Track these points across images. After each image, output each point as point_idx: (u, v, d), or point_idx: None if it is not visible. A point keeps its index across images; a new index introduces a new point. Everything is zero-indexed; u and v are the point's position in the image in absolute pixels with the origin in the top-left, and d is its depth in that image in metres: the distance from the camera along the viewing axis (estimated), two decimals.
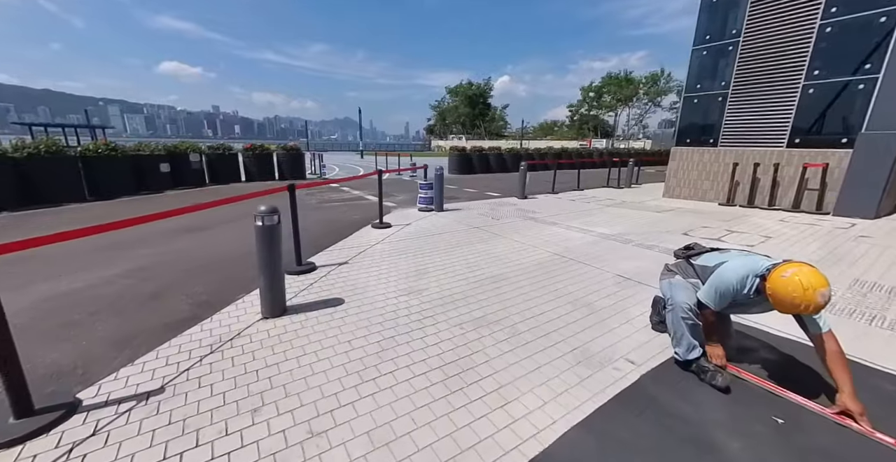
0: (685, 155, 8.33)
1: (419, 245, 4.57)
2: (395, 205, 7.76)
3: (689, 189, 8.34)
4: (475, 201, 8.16)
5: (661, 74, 34.21)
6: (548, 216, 6.44)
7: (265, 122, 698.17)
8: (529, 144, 36.41)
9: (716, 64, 7.61)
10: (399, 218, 6.26)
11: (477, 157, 15.95)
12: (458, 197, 8.95)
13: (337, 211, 7.07)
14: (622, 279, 3.48)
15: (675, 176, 8.57)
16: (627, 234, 5.18)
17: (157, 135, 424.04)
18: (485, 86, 55.66)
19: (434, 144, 57.66)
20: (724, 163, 7.70)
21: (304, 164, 12.63)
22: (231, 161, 10.87)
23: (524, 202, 8.02)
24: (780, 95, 6.78)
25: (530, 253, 4.27)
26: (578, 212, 6.89)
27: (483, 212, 6.82)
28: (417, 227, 5.60)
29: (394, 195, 9.06)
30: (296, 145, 12.04)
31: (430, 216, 6.40)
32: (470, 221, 5.96)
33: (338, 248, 4.44)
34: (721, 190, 7.81)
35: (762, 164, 7.09)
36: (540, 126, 60.86)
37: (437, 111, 60.35)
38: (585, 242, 4.74)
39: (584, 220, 6.08)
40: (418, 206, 7.00)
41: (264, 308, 2.67)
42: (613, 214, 6.63)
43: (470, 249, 4.40)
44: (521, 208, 7.24)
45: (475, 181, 12.98)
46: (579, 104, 42.79)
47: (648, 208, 7.32)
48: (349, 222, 6.00)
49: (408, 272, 3.63)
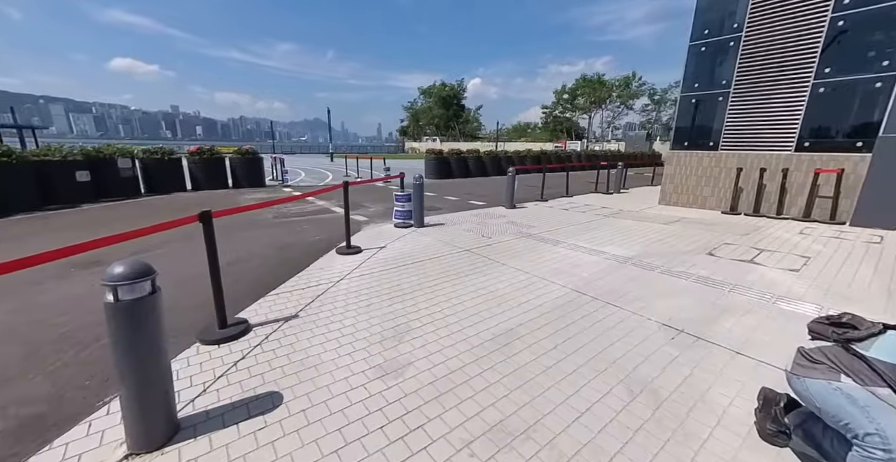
0: (682, 159, 7.75)
1: (397, 281, 3.52)
2: (366, 218, 6.65)
3: (688, 196, 7.75)
4: (459, 212, 7.19)
5: (633, 78, 34.87)
6: (546, 231, 5.56)
7: (230, 123, 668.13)
8: (505, 146, 36.00)
9: (715, 61, 7.05)
10: (372, 238, 5.17)
11: (455, 161, 15.02)
12: (438, 207, 7.94)
13: (295, 229, 5.88)
14: (672, 331, 2.59)
15: (671, 182, 7.97)
16: (644, 255, 4.37)
17: (108, 136, 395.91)
18: (458, 87, 55.08)
19: (408, 146, 56.46)
20: (725, 168, 7.15)
21: (263, 170, 11.22)
22: (173, 167, 9.35)
23: (514, 213, 7.13)
24: (787, 95, 6.27)
25: (541, 289, 3.33)
26: (578, 225, 6.07)
27: (471, 227, 5.85)
28: (394, 250, 4.55)
29: (365, 206, 7.94)
30: (251, 149, 10.62)
31: (408, 234, 5.36)
32: (457, 241, 4.98)
33: (288, 289, 3.31)
34: (723, 197, 7.25)
35: (769, 170, 6.56)
36: (513, 128, 60.96)
37: (410, 112, 59.16)
38: (602, 269, 3.86)
39: (589, 237, 5.24)
40: (394, 221, 5.95)
41: (130, 437, 1.55)
42: (618, 228, 5.85)
43: (463, 285, 3.41)
44: (512, 221, 6.33)
45: (455, 187, 12.04)
46: (553, 106, 43.01)
47: (651, 219, 6.61)
48: (309, 246, 4.86)
49: (382, 330, 2.59)
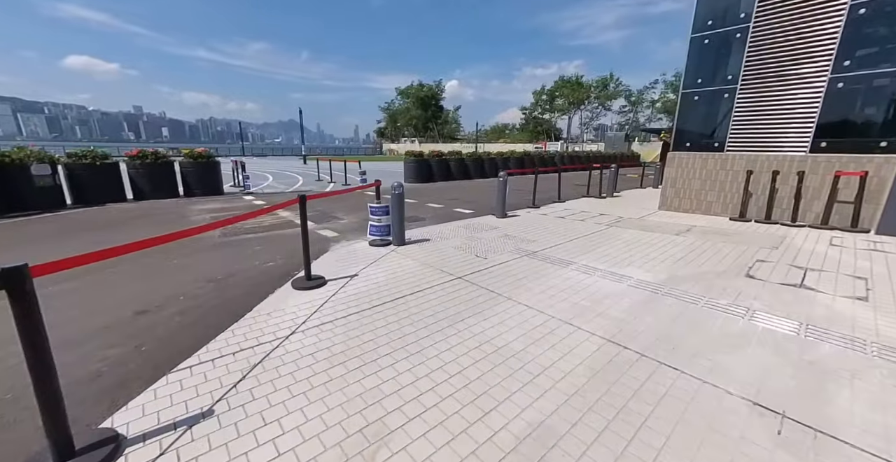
0: (684, 161, 7.16)
1: (369, 331, 2.59)
2: (336, 234, 5.64)
3: (691, 201, 7.17)
4: (445, 224, 6.29)
5: (611, 79, 35.10)
6: (549, 248, 4.75)
7: (198, 125, 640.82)
8: (486, 147, 35.44)
9: (720, 54, 6.48)
10: (341, 261, 4.19)
11: (436, 163, 14.13)
12: (421, 217, 7.02)
13: (245, 251, 4.80)
14: (769, 416, 1.78)
15: (672, 185, 7.38)
16: (675, 280, 3.61)
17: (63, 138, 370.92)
18: (436, 88, 54.25)
19: (386, 148, 55.19)
20: (732, 170, 6.59)
21: (220, 176, 9.94)
22: (109, 173, 7.98)
23: (507, 223, 6.30)
24: (801, 91, 5.74)
25: (565, 341, 2.48)
26: (582, 238, 5.29)
27: (460, 243, 4.96)
28: (368, 280, 3.60)
29: (336, 217, 6.91)
30: (206, 151, 9.34)
31: (386, 256, 4.41)
32: (447, 264, 4.08)
33: (210, 357, 2.31)
34: (730, 202, 6.69)
35: (781, 173, 6.02)
36: (492, 129, 60.73)
37: (387, 113, 57.83)
38: (633, 304, 3.05)
39: (600, 255, 4.46)
40: (370, 238, 4.98)
41: None
42: (627, 241, 5.11)
43: (460, 337, 2.52)
44: (507, 234, 5.49)
45: (438, 192, 11.14)
46: (532, 107, 42.84)
47: (659, 228, 5.94)
48: (257, 278, 3.82)
49: (345, 438, 1.65)
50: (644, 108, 33.50)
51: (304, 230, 3.42)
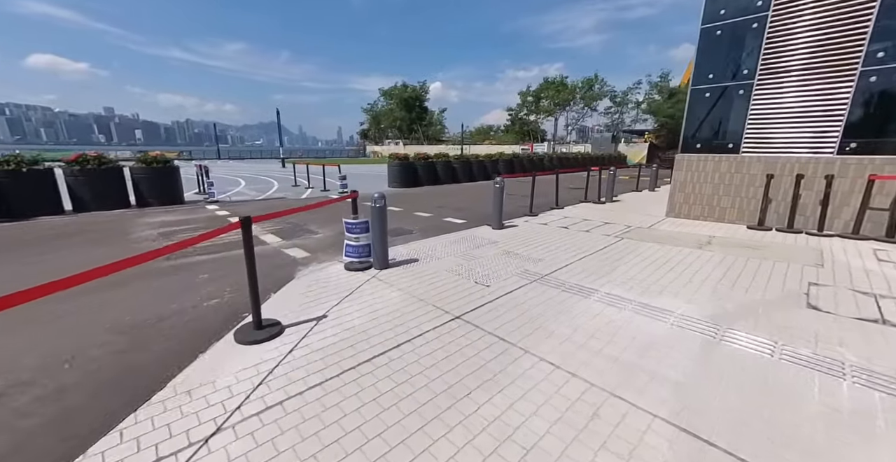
0: (695, 164, 6.57)
1: (334, 426, 1.75)
2: (306, 254, 4.75)
3: (702, 207, 6.58)
4: (435, 238, 5.48)
5: (596, 80, 35.00)
6: (560, 268, 4.00)
7: (174, 127, 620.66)
8: (472, 149, 34.81)
9: (735, 47, 5.91)
10: (307, 295, 3.32)
11: (423, 167, 13.30)
12: (407, 229, 6.19)
13: (187, 282, 3.85)
14: None
15: (681, 190, 6.78)
16: (725, 314, 2.90)
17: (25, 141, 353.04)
18: (420, 89, 53.40)
19: (369, 150, 54.01)
20: (749, 174, 6.02)
21: (180, 182, 8.86)
22: (40, 182, 6.84)
23: (505, 236, 5.54)
24: (826, 86, 5.20)
25: (615, 427, 1.70)
26: (594, 254, 4.57)
27: (455, 264, 4.16)
28: (339, 326, 2.75)
29: (310, 231, 6.01)
30: (161, 155, 8.26)
31: (365, 285, 3.57)
32: (440, 295, 3.27)
33: None
34: (746, 209, 6.12)
35: (806, 176, 5.46)
36: (477, 130, 60.26)
37: (370, 115, 56.61)
38: (689, 356, 2.31)
39: (622, 277, 3.74)
40: (345, 260, 4.13)
41: None
42: (648, 258, 4.42)
43: (463, 427, 1.71)
44: (508, 250, 4.73)
45: (425, 198, 10.31)
46: (518, 108, 42.48)
47: (674, 239, 5.29)
48: (193, 323, 2.90)
49: None
50: (630, 109, 33.54)
51: (249, 265, 2.54)
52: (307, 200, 9.89)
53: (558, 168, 19.99)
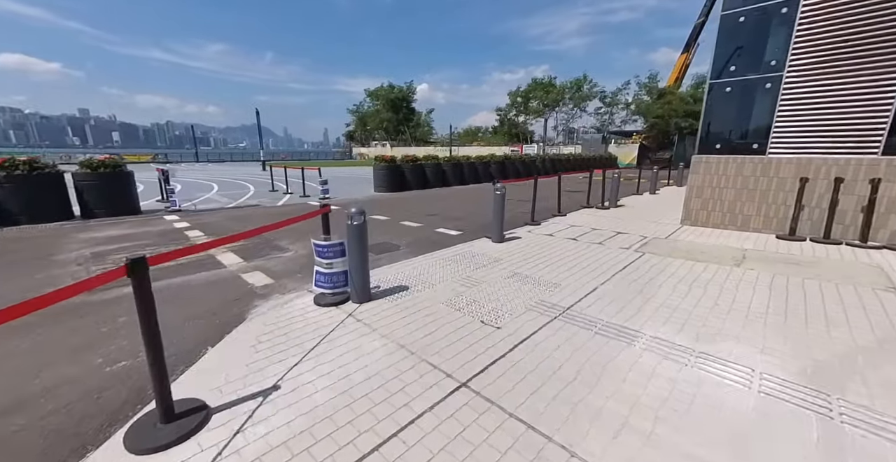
0: (714, 166, 5.92)
1: None
2: (269, 280, 3.86)
3: (723, 214, 5.94)
4: (427, 256, 4.65)
5: (584, 80, 34.72)
6: (583, 298, 3.23)
7: (153, 129, 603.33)
8: (460, 151, 34.13)
9: (761, 34, 5.28)
10: (255, 348, 2.45)
11: (410, 170, 12.46)
12: (394, 244, 5.34)
13: (96, 329, 2.91)
14: None
15: (698, 195, 6.13)
16: (823, 372, 2.17)
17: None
18: (407, 89, 52.48)
19: (356, 152, 52.90)
20: (777, 177, 5.40)
21: (134, 189, 7.82)
22: None
23: (509, 251, 4.76)
24: (870, 77, 4.59)
25: None
26: (619, 277, 3.83)
27: (453, 295, 3.35)
28: (295, 407, 1.90)
29: (279, 248, 5.11)
30: (111, 159, 7.22)
31: (339, 330, 2.72)
32: (437, 345, 2.45)
33: None
34: (774, 216, 5.49)
35: (846, 180, 4.85)
36: (465, 131, 59.62)
37: (356, 116, 55.39)
38: (812, 455, 1.55)
39: (664, 310, 2.99)
40: (315, 290, 3.28)
41: None
42: (683, 280, 3.70)
43: None
44: (516, 272, 3.94)
45: (414, 204, 9.47)
46: (507, 109, 41.97)
47: (705, 255, 4.60)
48: (72, 408, 1.98)
49: None
50: (619, 110, 33.37)
51: (147, 330, 1.66)
52: (282, 209, 8.95)
53: (551, 170, 19.42)
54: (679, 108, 26.69)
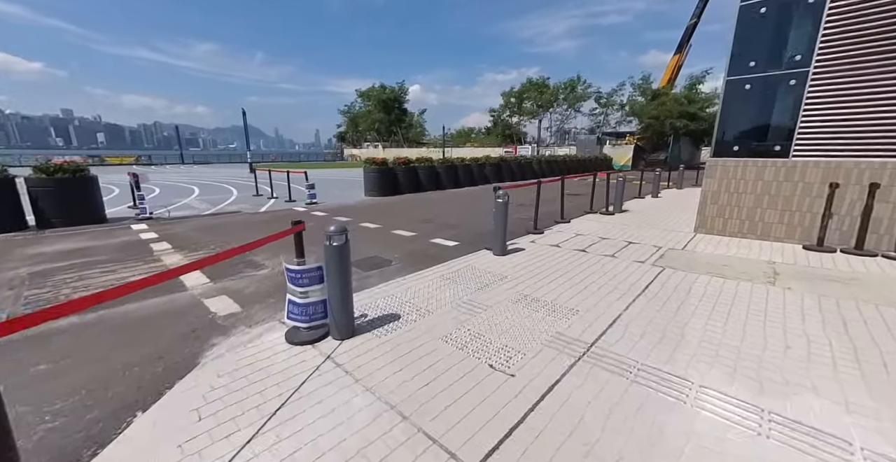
0: (731, 170, 5.48)
1: None
2: (235, 308, 3.28)
3: (741, 221, 5.50)
4: (421, 273, 4.11)
5: (578, 81, 34.45)
6: (607, 329, 2.71)
7: (140, 130, 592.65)
8: (453, 152, 33.63)
9: (784, 26, 4.85)
10: (199, 412, 1.87)
11: (403, 173, 11.90)
12: (385, 259, 4.78)
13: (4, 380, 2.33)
14: None
15: (714, 201, 5.68)
16: None
17: None
18: (399, 90, 51.84)
19: (347, 153, 52.14)
20: (803, 182, 4.97)
21: (99, 196, 7.15)
22: None
23: (513, 266, 4.24)
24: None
25: None
26: (642, 300, 3.33)
27: (454, 326, 2.81)
28: None
29: (252, 264, 4.52)
30: (69, 163, 6.54)
31: (309, 384, 2.16)
32: (437, 404, 1.91)
33: None
34: (799, 224, 5.06)
35: (881, 186, 4.43)
36: (458, 132, 59.15)
37: (347, 117, 54.58)
38: None
39: (706, 346, 2.49)
40: (287, 323, 2.72)
41: None
42: (716, 302, 3.21)
43: None
44: (524, 293, 3.42)
45: (406, 210, 8.92)
46: (501, 109, 41.56)
47: (730, 268, 4.13)
48: None
49: None
50: (614, 111, 33.17)
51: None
52: (263, 216, 8.33)
53: (547, 172, 19.00)
54: (673, 109, 26.53)
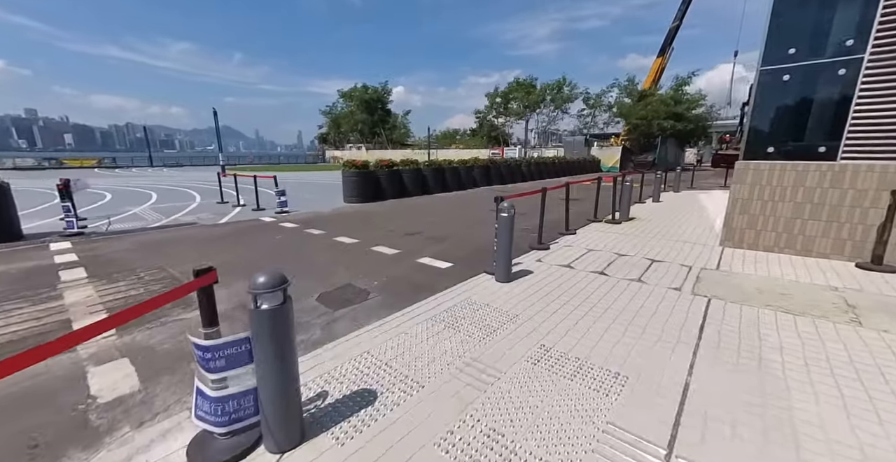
0: (765, 175, 4.74)
1: None
2: (131, 385, 2.23)
3: (776, 234, 4.76)
4: (404, 312, 3.14)
5: (564, 82, 34.01)
6: (673, 414, 1.82)
7: (112, 131, 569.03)
8: (438, 154, 32.70)
9: (831, 4, 4.14)
10: None
11: (386, 177, 10.89)
12: (360, 290, 3.78)
13: None
14: None
15: (744, 210, 4.94)
16: None
17: None
18: (382, 90, 50.57)
19: (329, 155, 50.53)
20: (854, 189, 4.26)
21: (12, 208, 5.91)
22: None
23: (521, 300, 3.32)
24: None
25: None
26: (700, 349, 2.47)
27: (455, 417, 1.86)
28: None
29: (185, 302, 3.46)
30: None
31: None
32: None
33: None
34: (849, 238, 4.35)
35: None
36: (443, 134, 58.23)
37: (329, 117, 52.92)
38: None
39: (836, 459, 1.64)
40: (197, 425, 1.72)
41: None
42: (809, 361, 2.38)
43: None
44: (540, 343, 2.51)
45: (389, 219, 7.93)
46: (487, 110, 40.83)
47: (790, 300, 3.35)
48: None
49: None
50: (602, 112, 32.93)
51: None
52: (224, 229, 7.21)
53: (536, 175, 18.28)
54: (660, 110, 26.37)
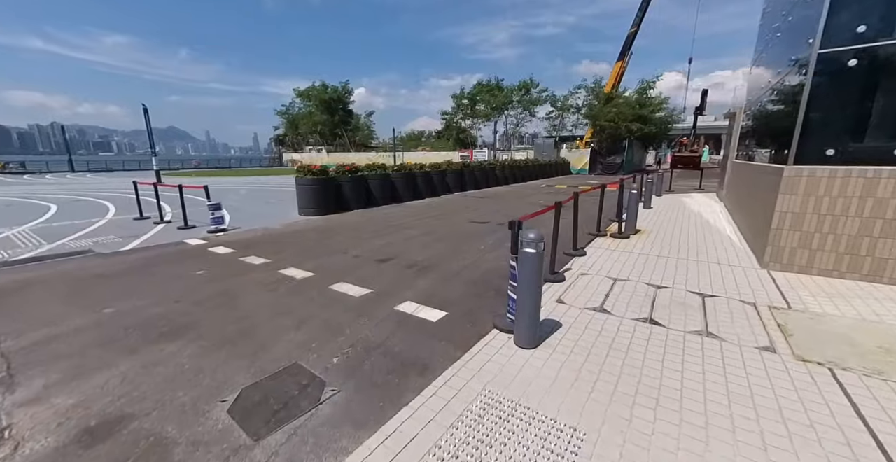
0: (823, 184, 3.88)
1: None
2: None
3: (837, 256, 3.92)
4: (383, 430, 1.80)
5: (532, 83, 33.67)
6: None
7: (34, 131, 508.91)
8: (404, 156, 31.21)
9: None
10: None
11: (350, 184, 9.34)
12: (309, 376, 2.35)
13: None
14: None
15: (795, 226, 4.07)
16: None
17: None
18: (343, 90, 48.09)
19: (287, 158, 47.38)
20: None
21: None
22: None
23: (560, 382, 2.09)
24: None
25: None
26: None
27: None
28: None
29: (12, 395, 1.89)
30: None
31: None
32: None
33: None
34: None
35: None
36: (408, 136, 56.56)
37: (285, 118, 49.57)
38: None
39: None
40: None
41: None
42: None
43: None
44: None
45: (353, 238, 6.46)
46: (454, 111, 39.76)
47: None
48: None
49: None
50: (570, 114, 32.97)
51: None
52: (124, 259, 5.41)
53: (510, 178, 17.35)
54: (627, 112, 26.62)
